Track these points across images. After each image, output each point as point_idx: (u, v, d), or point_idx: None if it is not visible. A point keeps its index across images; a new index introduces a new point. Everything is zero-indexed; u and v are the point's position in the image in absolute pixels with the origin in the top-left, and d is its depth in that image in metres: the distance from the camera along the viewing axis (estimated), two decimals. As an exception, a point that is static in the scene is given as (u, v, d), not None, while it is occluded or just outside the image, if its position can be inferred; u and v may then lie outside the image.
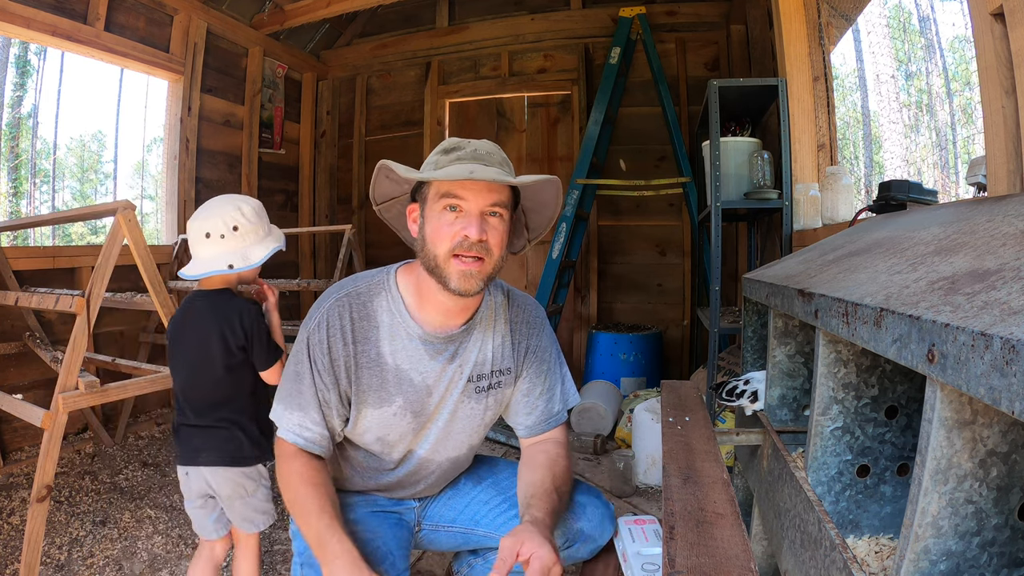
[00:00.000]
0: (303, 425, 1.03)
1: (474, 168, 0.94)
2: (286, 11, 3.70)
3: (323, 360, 1.03)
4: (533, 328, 1.19)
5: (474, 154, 0.99)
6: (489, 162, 0.99)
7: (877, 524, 0.83)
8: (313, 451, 1.04)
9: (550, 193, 1.06)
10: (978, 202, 0.90)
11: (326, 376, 1.03)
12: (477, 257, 0.96)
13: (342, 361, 1.03)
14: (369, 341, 1.05)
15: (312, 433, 1.04)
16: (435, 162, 1.00)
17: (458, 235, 0.95)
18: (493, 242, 0.98)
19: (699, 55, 3.78)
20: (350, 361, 1.04)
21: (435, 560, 1.76)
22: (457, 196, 0.96)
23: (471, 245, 0.95)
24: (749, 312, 1.49)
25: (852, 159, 2.70)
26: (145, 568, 1.71)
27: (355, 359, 1.04)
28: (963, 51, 2.07)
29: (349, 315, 1.04)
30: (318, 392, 1.03)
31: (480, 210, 0.96)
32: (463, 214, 0.96)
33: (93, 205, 3.84)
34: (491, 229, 0.97)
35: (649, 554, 1.11)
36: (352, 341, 1.04)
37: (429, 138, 4.21)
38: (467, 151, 1.00)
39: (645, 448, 2.39)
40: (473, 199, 0.96)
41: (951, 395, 0.50)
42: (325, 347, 1.03)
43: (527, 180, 0.98)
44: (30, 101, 8.73)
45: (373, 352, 1.05)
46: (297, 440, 1.03)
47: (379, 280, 1.09)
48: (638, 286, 3.95)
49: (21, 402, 1.70)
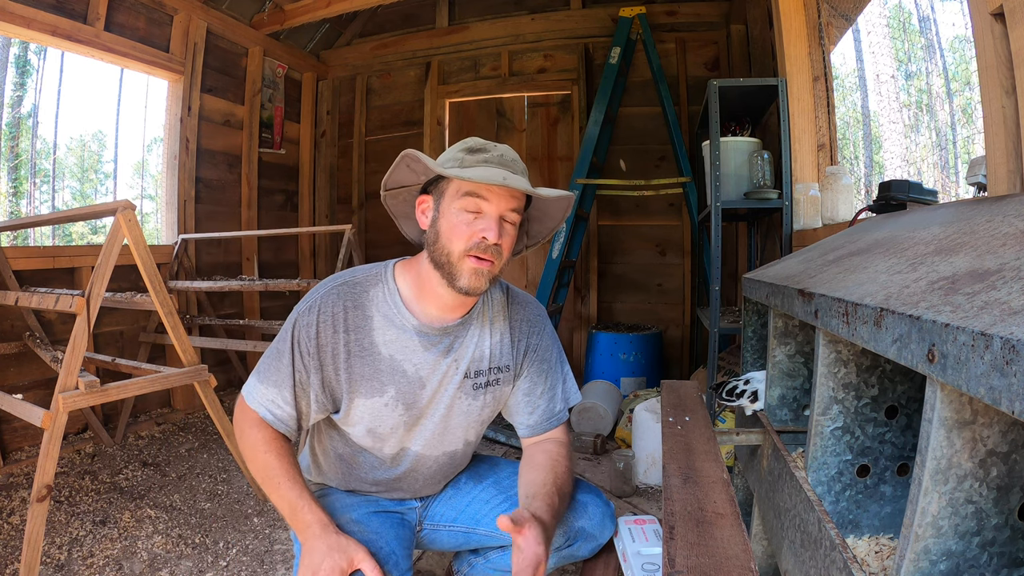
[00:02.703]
0: (275, 402, 1.04)
1: (507, 175, 0.96)
2: (286, 11, 3.70)
3: (309, 344, 1.03)
4: (534, 326, 1.19)
5: (501, 160, 1.01)
6: (515, 169, 1.00)
7: (877, 524, 0.83)
8: (279, 429, 1.05)
9: (560, 208, 1.09)
10: (978, 202, 0.90)
11: (308, 359, 1.03)
12: (490, 259, 0.99)
13: (330, 348, 1.03)
14: (362, 330, 1.05)
15: (282, 412, 1.04)
16: (460, 159, 1.01)
17: (476, 236, 0.98)
18: (505, 246, 1.01)
19: (699, 55, 3.78)
20: (340, 349, 1.04)
21: (435, 560, 1.76)
22: (482, 197, 0.97)
23: (487, 248, 0.97)
24: (749, 312, 1.49)
25: (852, 159, 2.70)
26: (145, 568, 1.71)
27: (347, 348, 1.04)
28: (963, 51, 2.07)
29: (343, 304, 1.05)
30: (295, 372, 1.03)
31: (500, 214, 0.99)
32: (483, 216, 0.98)
33: (93, 205, 3.83)
34: (505, 234, 1.00)
35: (649, 554, 1.11)
36: (345, 330, 1.04)
37: (429, 138, 4.21)
38: (493, 155, 1.01)
39: (645, 448, 2.39)
40: (496, 203, 0.98)
41: (951, 395, 0.50)
42: (313, 331, 1.03)
43: (550, 194, 1.02)
44: (30, 101, 8.73)
45: (366, 341, 1.06)
46: (267, 416, 1.04)
47: (376, 272, 1.10)
48: (638, 286, 3.95)
49: (21, 402, 1.70)
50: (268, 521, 2.03)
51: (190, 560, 1.76)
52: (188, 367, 1.93)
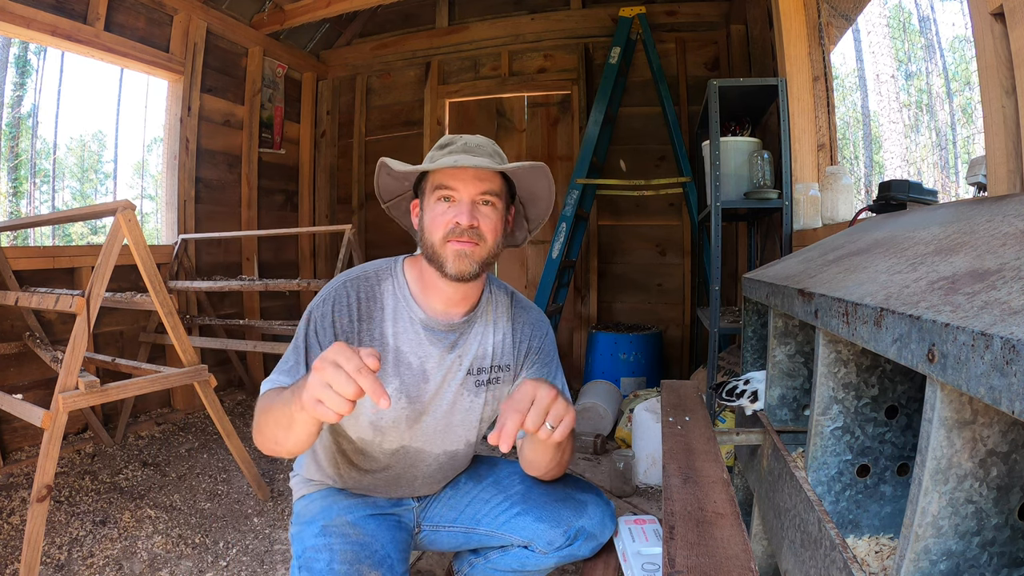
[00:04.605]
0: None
1: (459, 158, 0.99)
2: (286, 11, 3.70)
3: (326, 334, 1.03)
4: (536, 330, 1.20)
5: (464, 147, 1.04)
6: (478, 153, 1.03)
7: (877, 524, 0.83)
8: None
9: (541, 183, 1.09)
10: (978, 202, 0.90)
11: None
12: (471, 241, 1.01)
13: (344, 336, 1.05)
14: (373, 321, 1.08)
15: None
16: (431, 157, 1.05)
17: (450, 222, 1.00)
18: (485, 228, 1.02)
19: (699, 55, 3.78)
20: (352, 339, 1.05)
21: (435, 560, 1.76)
22: (448, 187, 1.01)
23: (463, 231, 1.00)
24: (749, 312, 1.49)
25: (852, 159, 2.70)
26: (145, 568, 1.71)
27: (358, 337, 1.06)
28: (963, 51, 2.07)
29: (356, 295, 1.07)
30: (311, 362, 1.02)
31: (471, 199, 1.01)
32: (455, 203, 1.01)
33: (93, 205, 3.84)
34: (483, 217, 1.02)
35: (649, 554, 1.11)
36: (357, 319, 1.06)
37: (429, 138, 4.21)
38: (458, 145, 1.05)
39: (645, 448, 2.39)
40: (463, 188, 1.01)
41: (951, 395, 0.50)
42: (329, 320, 1.04)
43: (512, 167, 1.03)
44: (30, 101, 8.73)
45: (377, 332, 1.07)
46: None
47: (387, 267, 1.13)
48: (638, 286, 3.95)
49: (21, 402, 1.70)
50: (268, 521, 2.03)
51: (190, 560, 1.76)
52: (188, 367, 1.93)
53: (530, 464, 1.14)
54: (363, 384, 0.71)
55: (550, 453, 1.06)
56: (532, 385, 0.85)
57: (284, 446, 0.91)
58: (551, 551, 1.16)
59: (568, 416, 0.85)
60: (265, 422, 0.92)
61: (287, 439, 0.89)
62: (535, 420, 0.82)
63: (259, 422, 0.95)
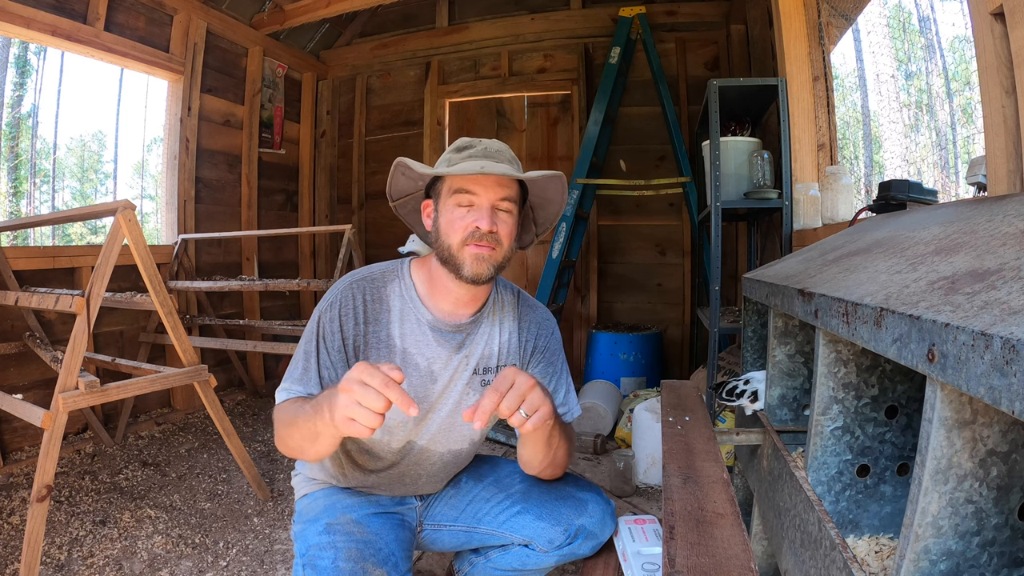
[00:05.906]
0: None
1: (484, 164, 0.99)
2: (286, 11, 3.70)
3: (334, 339, 1.05)
4: (542, 329, 1.21)
5: (484, 152, 1.04)
6: (499, 159, 1.03)
7: (877, 524, 0.83)
8: None
9: (556, 189, 1.11)
10: (978, 202, 0.90)
11: (335, 355, 1.05)
12: (488, 245, 1.01)
13: (352, 340, 1.06)
14: (380, 323, 1.08)
15: None
16: (448, 159, 1.05)
17: (470, 226, 1.01)
18: (503, 233, 1.03)
19: (699, 55, 3.78)
20: (360, 340, 1.06)
21: (435, 560, 1.76)
22: (469, 191, 1.01)
23: (482, 236, 1.00)
24: (749, 312, 1.49)
25: (852, 159, 2.70)
26: (145, 568, 1.71)
27: (365, 339, 1.07)
28: (963, 51, 2.07)
29: (362, 297, 1.08)
30: (322, 369, 1.04)
31: (491, 204, 1.02)
32: (475, 208, 1.02)
33: (93, 205, 3.83)
34: (501, 222, 1.03)
35: (649, 553, 1.11)
36: (364, 321, 1.07)
37: (429, 138, 4.21)
38: (478, 149, 1.05)
39: (645, 448, 2.39)
40: (484, 193, 1.01)
41: (951, 395, 0.50)
42: (336, 325, 1.05)
43: (534, 175, 1.04)
44: (30, 101, 8.71)
45: (383, 333, 1.08)
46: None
47: (393, 268, 1.14)
48: (638, 286, 3.95)
49: (21, 402, 1.70)
50: (268, 521, 2.03)
51: (190, 560, 1.76)
52: (188, 367, 1.93)
53: (526, 463, 1.14)
54: (391, 396, 0.74)
55: (541, 452, 1.06)
56: (513, 370, 0.86)
57: (308, 454, 0.97)
58: (551, 549, 1.17)
59: (543, 408, 0.86)
60: (289, 435, 0.96)
61: (312, 448, 0.93)
62: (510, 404, 0.83)
63: (282, 434, 0.99)
